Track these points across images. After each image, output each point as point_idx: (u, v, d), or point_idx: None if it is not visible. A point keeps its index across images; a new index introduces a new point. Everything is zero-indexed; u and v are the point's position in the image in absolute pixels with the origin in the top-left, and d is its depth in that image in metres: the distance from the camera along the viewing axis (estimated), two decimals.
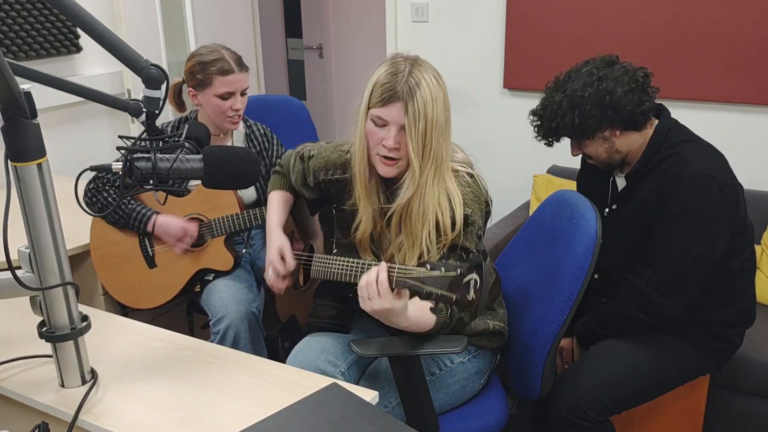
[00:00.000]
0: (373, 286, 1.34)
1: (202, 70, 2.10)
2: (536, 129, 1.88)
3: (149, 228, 2.14)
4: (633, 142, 1.82)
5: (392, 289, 1.35)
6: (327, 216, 1.78)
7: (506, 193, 3.28)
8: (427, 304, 1.50)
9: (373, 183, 1.59)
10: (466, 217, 1.53)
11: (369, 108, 1.50)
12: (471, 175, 1.59)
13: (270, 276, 1.76)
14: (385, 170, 1.54)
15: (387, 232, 1.61)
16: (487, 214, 1.63)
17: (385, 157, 1.52)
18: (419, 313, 1.49)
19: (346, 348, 1.69)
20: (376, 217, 1.61)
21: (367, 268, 1.43)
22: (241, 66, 2.14)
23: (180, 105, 2.28)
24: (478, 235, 1.57)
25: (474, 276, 1.24)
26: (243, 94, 2.16)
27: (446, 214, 1.51)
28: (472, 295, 1.24)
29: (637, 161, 1.84)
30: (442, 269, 1.26)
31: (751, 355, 2.12)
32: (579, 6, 2.97)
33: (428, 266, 1.28)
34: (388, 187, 1.60)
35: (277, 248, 1.76)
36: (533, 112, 1.89)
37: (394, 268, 1.34)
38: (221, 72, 2.09)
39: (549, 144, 1.88)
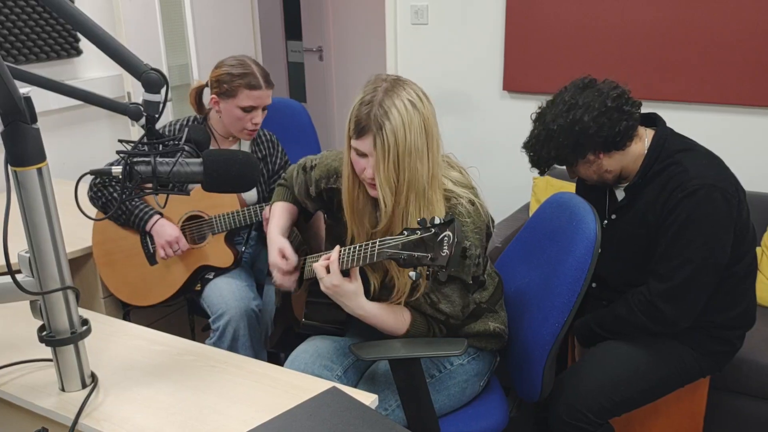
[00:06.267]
0: (324, 267, 1.47)
1: (230, 81, 2.10)
2: (529, 160, 1.92)
3: (148, 227, 2.16)
4: (622, 160, 1.82)
5: (345, 272, 1.48)
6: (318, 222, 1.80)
7: (506, 195, 3.28)
8: (404, 311, 1.57)
9: (361, 208, 1.59)
10: (464, 250, 1.51)
11: (350, 138, 1.51)
12: (471, 202, 1.56)
13: (276, 275, 1.76)
14: (376, 194, 1.53)
15: None
16: (489, 235, 1.63)
17: (371, 183, 1.52)
18: (389, 312, 1.55)
19: (342, 352, 1.69)
20: (369, 238, 1.61)
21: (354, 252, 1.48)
22: (269, 83, 2.16)
23: (200, 107, 2.29)
24: (476, 264, 1.56)
25: (447, 233, 1.29)
26: (264, 109, 2.18)
27: None
28: (446, 250, 1.28)
29: (636, 174, 1.83)
30: (418, 233, 1.34)
31: (752, 357, 2.12)
32: (578, 9, 2.97)
33: (406, 232, 1.36)
34: (376, 208, 1.60)
35: (277, 249, 1.76)
36: (523, 145, 1.92)
37: (350, 248, 1.45)
38: (249, 86, 2.10)
39: (542, 173, 1.92)
